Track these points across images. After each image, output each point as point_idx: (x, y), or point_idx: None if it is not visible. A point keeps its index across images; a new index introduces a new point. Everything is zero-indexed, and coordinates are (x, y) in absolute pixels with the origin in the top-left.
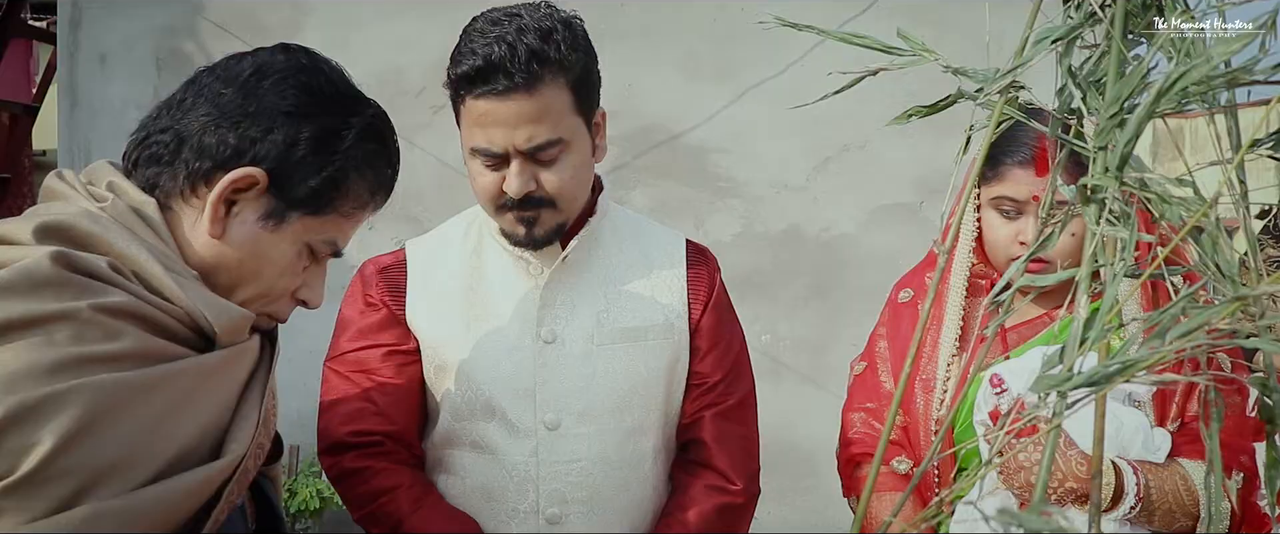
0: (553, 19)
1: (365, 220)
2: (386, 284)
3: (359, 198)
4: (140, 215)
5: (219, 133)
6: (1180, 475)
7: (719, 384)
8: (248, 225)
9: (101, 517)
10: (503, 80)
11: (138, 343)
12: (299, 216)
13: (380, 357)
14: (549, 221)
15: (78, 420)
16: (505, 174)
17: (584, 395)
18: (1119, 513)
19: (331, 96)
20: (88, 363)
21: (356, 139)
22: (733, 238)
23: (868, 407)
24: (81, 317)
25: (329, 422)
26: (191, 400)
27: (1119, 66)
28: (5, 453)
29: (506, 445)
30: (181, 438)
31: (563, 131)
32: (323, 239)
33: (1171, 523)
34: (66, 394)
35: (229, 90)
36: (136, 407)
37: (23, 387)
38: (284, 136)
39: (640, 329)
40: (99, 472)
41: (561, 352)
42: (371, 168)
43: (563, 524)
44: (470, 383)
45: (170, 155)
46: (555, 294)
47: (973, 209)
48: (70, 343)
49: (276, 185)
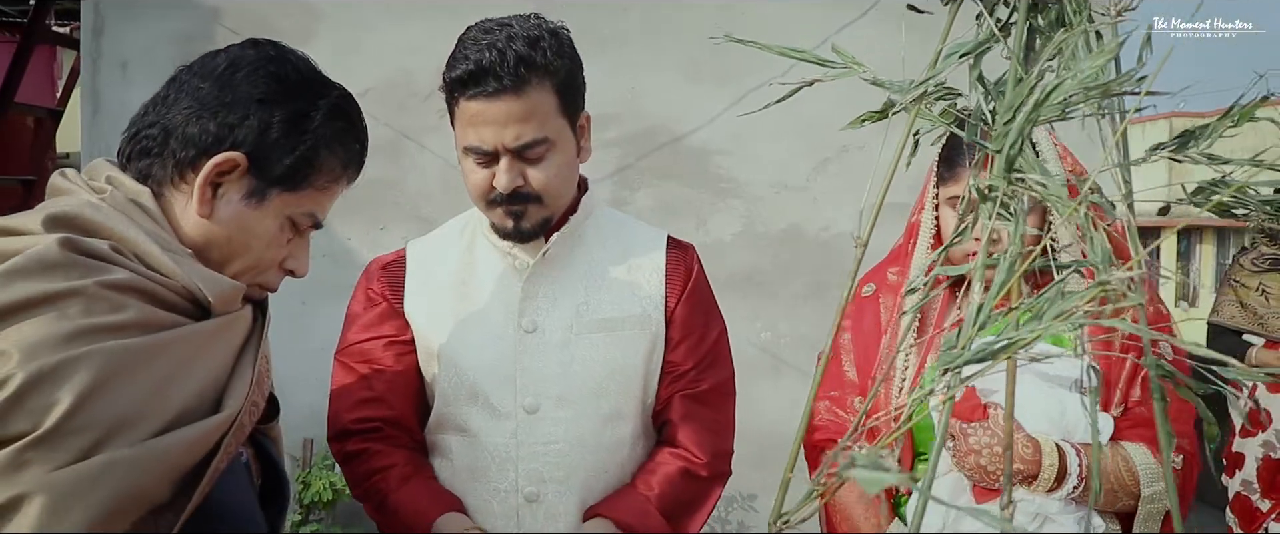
0: (541, 28)
1: (339, 193)
2: (387, 280)
3: (331, 172)
4: (137, 204)
5: (201, 123)
6: (1121, 457)
7: (690, 371)
8: (233, 204)
9: (116, 464)
10: (493, 83)
11: (140, 314)
12: (278, 193)
13: (382, 347)
14: (535, 216)
15: (91, 382)
16: (495, 171)
17: (562, 381)
18: (1063, 492)
19: (299, 83)
20: (97, 332)
21: (325, 119)
22: (734, 237)
23: (831, 395)
24: (89, 292)
25: (336, 409)
26: (191, 363)
27: (1017, 78)
28: (28, 412)
29: (488, 427)
30: (183, 396)
31: (548, 131)
32: (302, 212)
33: (1114, 502)
34: (80, 359)
35: (206, 84)
36: (142, 369)
37: (41, 354)
38: (259, 121)
39: (618, 320)
40: (112, 426)
41: (541, 340)
42: (341, 144)
43: (540, 502)
44: (457, 369)
45: (159, 147)
46: (537, 287)
47: (931, 207)
48: (81, 316)
49: (256, 166)
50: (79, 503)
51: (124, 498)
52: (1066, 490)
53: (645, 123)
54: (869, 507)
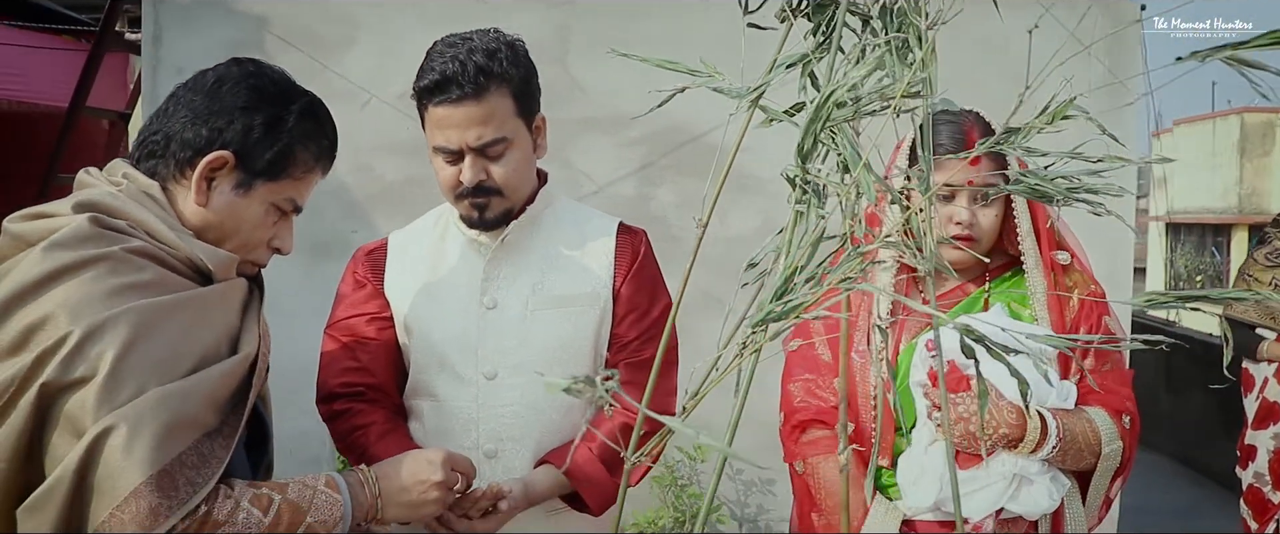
0: (498, 41)
1: (315, 182)
2: (371, 264)
3: (306, 164)
4: (148, 194)
5: (195, 128)
6: (1087, 419)
7: (634, 342)
8: (224, 195)
9: (170, 396)
10: (455, 90)
11: (157, 275)
12: (261, 183)
13: (365, 322)
14: (497, 207)
15: (130, 334)
16: (461, 168)
17: (518, 352)
18: (1043, 453)
19: (274, 92)
20: (127, 289)
21: (297, 120)
22: (753, 231)
23: (806, 378)
24: (116, 256)
25: (324, 376)
26: (206, 317)
27: (828, 81)
28: (85, 360)
29: (453, 393)
30: (205, 342)
31: (506, 131)
32: (283, 198)
33: (1080, 461)
34: (119, 316)
35: (198, 97)
36: (168, 322)
37: (88, 311)
38: (242, 125)
39: (570, 297)
40: (152, 369)
41: (501, 315)
42: (312, 140)
43: (498, 457)
44: (428, 342)
45: (162, 150)
46: (497, 268)
47: None
48: (110, 275)
49: (241, 162)
50: (147, 428)
51: (179, 422)
52: (1047, 451)
53: (667, 122)
54: (852, 483)
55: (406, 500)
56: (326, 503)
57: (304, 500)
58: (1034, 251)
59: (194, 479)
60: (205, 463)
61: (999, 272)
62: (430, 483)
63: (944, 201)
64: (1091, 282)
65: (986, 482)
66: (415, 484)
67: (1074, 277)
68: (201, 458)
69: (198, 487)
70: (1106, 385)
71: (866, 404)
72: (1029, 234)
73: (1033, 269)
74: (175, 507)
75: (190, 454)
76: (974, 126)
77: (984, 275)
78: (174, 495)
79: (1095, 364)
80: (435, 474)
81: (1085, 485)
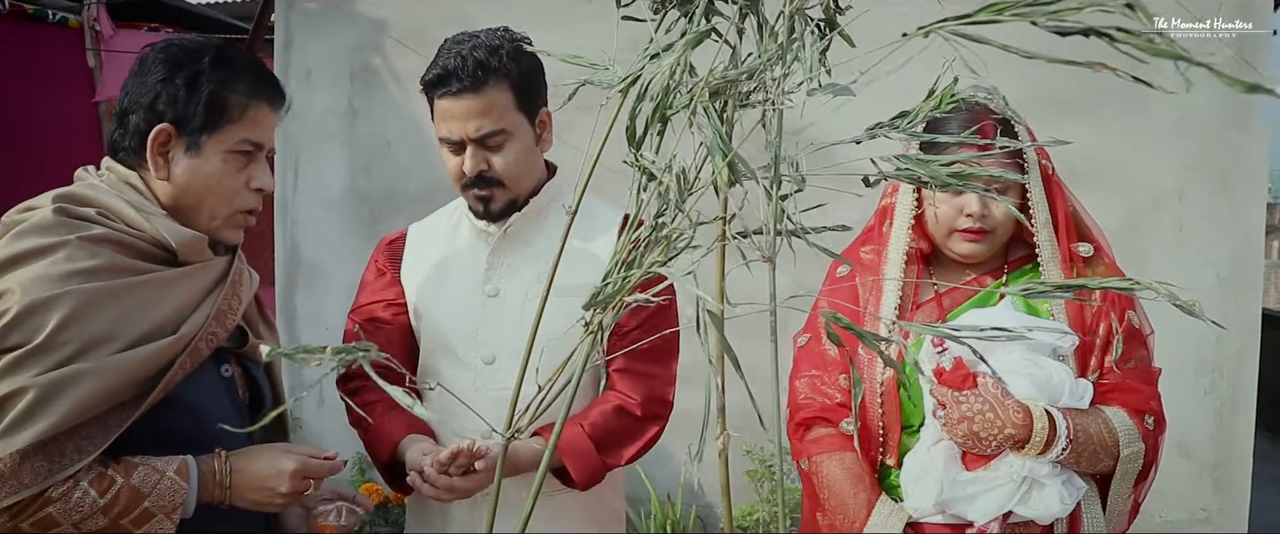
0: (502, 38)
1: (266, 119)
2: (390, 254)
3: (240, 105)
4: (127, 183)
5: (136, 116)
6: (1102, 420)
7: (633, 331)
8: (180, 162)
9: (89, 372)
10: (456, 84)
11: (110, 261)
12: (206, 138)
13: (382, 308)
14: (501, 198)
15: (70, 311)
16: (464, 158)
17: (517, 338)
18: (1052, 455)
19: (184, 55)
20: (77, 274)
21: (211, 69)
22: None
23: (812, 374)
24: (71, 244)
25: None
26: (152, 302)
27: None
28: (23, 330)
29: (454, 375)
30: (143, 325)
31: (505, 124)
32: (236, 142)
33: (1096, 463)
34: (64, 295)
35: (133, 87)
36: (110, 304)
37: (35, 290)
38: (167, 95)
39: (572, 287)
40: (85, 343)
41: (502, 303)
42: (235, 81)
43: (494, 439)
44: (435, 327)
45: (124, 142)
46: (500, 258)
47: (910, 189)
48: (64, 261)
49: (180, 127)
50: (60, 398)
51: (95, 395)
52: (1056, 453)
53: None
54: (856, 482)
55: (259, 488)
56: (170, 488)
57: (146, 485)
58: (1051, 243)
59: (82, 446)
60: (104, 431)
61: (1018, 264)
62: (285, 474)
63: (954, 193)
64: (1118, 275)
65: (993, 484)
66: (273, 476)
67: (1098, 269)
68: (102, 426)
69: (86, 452)
70: (1129, 384)
71: (873, 400)
72: (1046, 225)
73: (1048, 262)
74: (55, 470)
75: (92, 424)
76: (986, 116)
77: (1002, 268)
78: (58, 460)
79: (1117, 359)
80: (285, 477)
81: (1106, 489)
